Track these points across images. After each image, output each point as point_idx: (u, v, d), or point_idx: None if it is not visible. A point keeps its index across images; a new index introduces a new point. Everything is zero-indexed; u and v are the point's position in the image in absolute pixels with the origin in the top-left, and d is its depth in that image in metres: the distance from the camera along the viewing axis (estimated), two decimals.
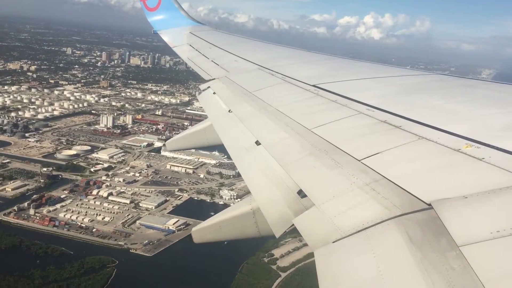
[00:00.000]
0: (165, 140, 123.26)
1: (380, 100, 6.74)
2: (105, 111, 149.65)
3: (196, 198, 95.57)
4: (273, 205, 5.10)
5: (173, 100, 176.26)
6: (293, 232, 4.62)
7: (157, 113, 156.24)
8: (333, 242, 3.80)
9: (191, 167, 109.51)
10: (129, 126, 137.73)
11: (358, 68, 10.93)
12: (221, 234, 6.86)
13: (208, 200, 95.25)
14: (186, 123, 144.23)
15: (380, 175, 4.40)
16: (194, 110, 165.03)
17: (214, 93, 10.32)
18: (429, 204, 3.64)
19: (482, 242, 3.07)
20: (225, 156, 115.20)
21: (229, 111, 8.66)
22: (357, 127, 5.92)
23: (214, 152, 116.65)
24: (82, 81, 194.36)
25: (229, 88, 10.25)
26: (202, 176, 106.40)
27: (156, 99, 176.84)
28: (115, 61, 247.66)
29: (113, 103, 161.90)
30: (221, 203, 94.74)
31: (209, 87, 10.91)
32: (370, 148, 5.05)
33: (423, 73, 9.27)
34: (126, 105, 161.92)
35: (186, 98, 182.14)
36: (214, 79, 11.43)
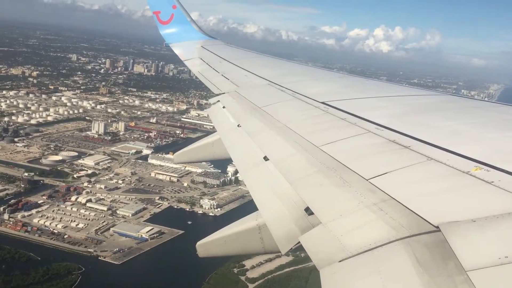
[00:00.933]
0: (154, 147, 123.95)
1: (389, 120, 6.71)
2: (99, 117, 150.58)
3: (175, 207, 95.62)
4: (279, 221, 5.05)
5: (170, 108, 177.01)
6: (299, 249, 4.57)
7: (151, 120, 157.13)
8: (339, 261, 3.75)
9: (176, 176, 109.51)
10: (121, 133, 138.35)
11: (368, 87, 10.86)
12: (226, 249, 6.75)
13: (188, 209, 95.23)
14: (178, 131, 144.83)
15: (388, 195, 4.36)
16: (189, 119, 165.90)
17: (223, 107, 10.32)
18: (437, 227, 3.59)
19: (490, 267, 3.02)
20: (212, 166, 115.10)
21: (238, 125, 8.66)
22: (366, 146, 5.89)
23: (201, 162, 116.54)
24: (82, 87, 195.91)
25: (239, 102, 10.25)
26: (185, 184, 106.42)
27: (154, 107, 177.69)
28: (119, 69, 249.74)
29: (109, 110, 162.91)
30: (200, 212, 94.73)
31: (218, 101, 10.92)
32: (378, 168, 5.01)
33: (433, 93, 9.22)
34: (122, 112, 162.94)
35: (184, 107, 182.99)
36: (223, 93, 11.46)
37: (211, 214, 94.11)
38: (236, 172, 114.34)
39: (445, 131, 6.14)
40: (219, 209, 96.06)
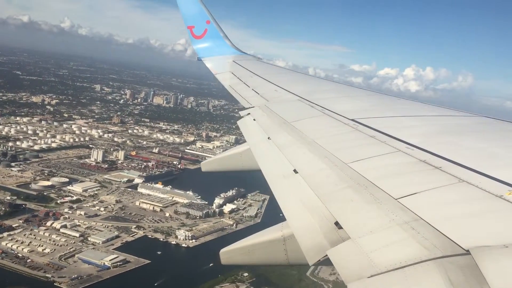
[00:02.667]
0: (146, 177, 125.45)
1: (420, 139, 6.65)
2: (104, 146, 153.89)
3: (150, 236, 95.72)
4: (308, 232, 5.07)
5: (177, 140, 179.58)
6: (326, 263, 4.56)
7: (154, 151, 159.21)
8: (368, 277, 3.71)
9: (160, 206, 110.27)
10: (120, 162, 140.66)
11: (399, 105, 10.82)
12: (249, 258, 6.85)
13: (162, 239, 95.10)
14: (175, 162, 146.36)
15: (417, 215, 4.31)
16: (193, 150, 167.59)
17: (254, 119, 10.50)
18: (467, 250, 3.52)
19: None
20: (199, 197, 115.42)
21: (268, 138, 8.78)
22: (395, 165, 5.85)
23: (188, 192, 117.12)
24: (96, 116, 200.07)
25: (268, 116, 10.38)
26: (167, 215, 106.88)
27: (161, 137, 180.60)
28: (139, 100, 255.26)
29: (116, 139, 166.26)
30: (174, 242, 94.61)
31: (249, 113, 11.09)
32: (407, 187, 4.97)
33: (467, 114, 9.05)
34: (128, 141, 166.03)
35: (192, 138, 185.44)
36: (253, 107, 11.61)
37: (184, 245, 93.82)
38: (220, 205, 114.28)
39: (478, 153, 6.02)
40: (193, 240, 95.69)
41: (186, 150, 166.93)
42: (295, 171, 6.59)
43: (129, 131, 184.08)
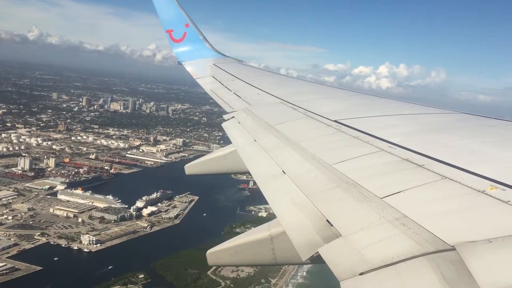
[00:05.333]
0: (69, 183, 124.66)
1: (402, 138, 6.74)
2: (39, 154, 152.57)
3: (52, 243, 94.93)
4: (300, 229, 5.04)
5: (122, 145, 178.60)
6: (319, 260, 4.51)
7: (91, 157, 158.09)
8: (361, 273, 3.74)
9: (76, 211, 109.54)
10: (49, 169, 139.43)
11: (381, 105, 10.94)
12: (236, 258, 6.78)
13: (64, 245, 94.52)
14: (106, 167, 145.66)
15: (402, 214, 4.36)
16: (134, 155, 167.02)
17: (238, 122, 10.57)
18: (453, 246, 3.58)
19: None
20: (119, 201, 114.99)
21: (254, 140, 8.79)
22: (379, 165, 5.89)
23: (108, 197, 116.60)
24: (41, 125, 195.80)
25: (253, 119, 10.42)
26: (80, 220, 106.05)
27: (105, 143, 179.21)
28: (95, 107, 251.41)
29: (54, 147, 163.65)
30: (76, 247, 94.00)
31: (233, 117, 11.15)
32: (391, 186, 5.02)
33: (447, 111, 9.21)
34: (67, 148, 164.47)
35: (137, 143, 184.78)
36: (236, 111, 11.64)
37: (86, 250, 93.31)
38: (140, 208, 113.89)
39: (459, 149, 6.10)
40: (98, 245, 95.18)
41: (127, 155, 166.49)
42: (283, 172, 6.62)
43: (72, 138, 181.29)
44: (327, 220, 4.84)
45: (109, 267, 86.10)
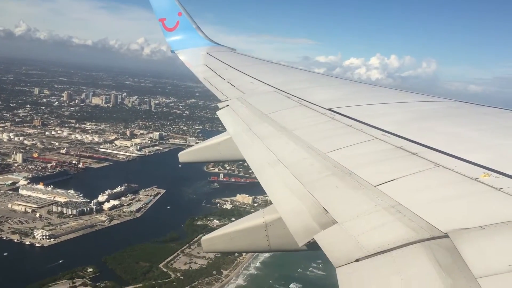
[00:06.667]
0: (32, 178, 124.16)
1: (396, 126, 6.75)
2: (8, 149, 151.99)
3: (5, 238, 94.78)
4: (297, 215, 5.06)
5: (97, 139, 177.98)
6: (315, 246, 4.53)
7: (61, 151, 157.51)
8: (357, 260, 3.76)
9: (35, 206, 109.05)
10: (16, 164, 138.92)
11: (375, 93, 10.91)
12: (231, 245, 6.80)
13: (16, 240, 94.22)
14: (74, 161, 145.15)
15: (396, 201, 4.39)
16: (107, 149, 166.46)
17: (233, 111, 10.56)
18: (446, 234, 3.61)
19: (499, 274, 3.04)
20: (81, 195, 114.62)
21: (248, 129, 8.80)
22: (372, 153, 5.92)
23: (69, 191, 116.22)
24: (17, 120, 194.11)
25: (247, 108, 10.41)
26: (38, 215, 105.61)
27: (79, 137, 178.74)
28: (76, 101, 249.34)
29: (26, 142, 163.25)
30: (28, 242, 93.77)
31: (227, 105, 11.11)
32: (385, 174, 5.05)
33: (441, 99, 9.19)
34: (39, 143, 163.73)
35: (113, 137, 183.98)
36: (230, 99, 11.62)
37: (38, 245, 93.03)
38: (101, 202, 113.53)
39: (453, 137, 6.13)
40: (52, 239, 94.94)
41: (99, 149, 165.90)
42: (278, 160, 6.65)
43: (46, 133, 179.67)
44: (323, 207, 4.86)
45: (60, 262, 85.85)
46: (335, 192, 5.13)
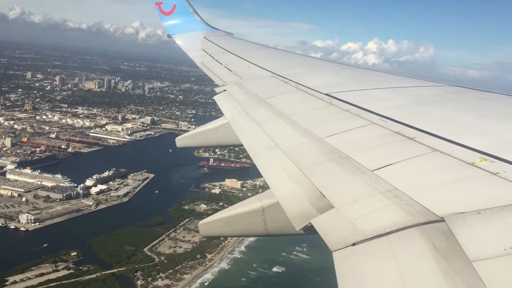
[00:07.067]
0: (20, 162, 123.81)
1: (393, 111, 6.76)
2: None
3: None
4: (294, 200, 5.08)
5: (88, 124, 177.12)
6: (312, 231, 4.56)
7: (51, 136, 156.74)
8: (353, 244, 3.78)
9: (22, 190, 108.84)
10: (5, 149, 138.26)
11: (372, 78, 10.96)
12: (228, 229, 6.86)
13: (1, 224, 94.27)
14: (63, 146, 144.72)
15: (393, 186, 4.40)
16: (97, 133, 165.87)
17: (231, 96, 10.54)
18: (442, 218, 3.62)
19: (495, 258, 3.06)
20: (68, 179, 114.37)
21: (246, 114, 8.80)
22: (370, 138, 5.93)
23: (57, 175, 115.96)
24: (8, 104, 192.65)
25: (244, 93, 10.39)
26: (24, 199, 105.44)
27: (70, 122, 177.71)
28: (69, 85, 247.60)
29: (16, 126, 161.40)
30: (12, 227, 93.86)
31: (225, 90, 11.09)
32: (382, 159, 5.06)
33: (439, 84, 9.22)
34: (29, 128, 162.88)
35: (104, 122, 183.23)
36: (227, 84, 11.57)
37: (22, 229, 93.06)
38: (89, 186, 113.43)
39: (450, 122, 6.15)
40: (37, 223, 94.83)
41: (90, 134, 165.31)
42: (276, 145, 6.66)
43: (37, 117, 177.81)
44: (320, 192, 4.87)
45: (44, 246, 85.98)
46: (332, 176, 5.16)
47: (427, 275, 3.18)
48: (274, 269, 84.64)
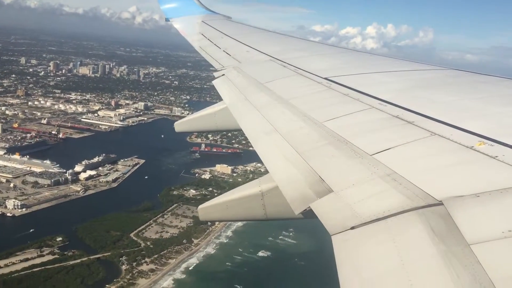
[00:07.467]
0: (9, 148, 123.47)
1: (393, 95, 6.74)
2: None
3: None
4: (293, 184, 5.08)
5: (80, 109, 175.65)
6: (311, 215, 4.55)
7: (42, 122, 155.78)
8: (352, 227, 3.79)
9: (10, 176, 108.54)
10: None
11: (371, 61, 10.88)
12: (227, 214, 6.91)
13: None
14: (54, 132, 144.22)
15: (392, 170, 4.40)
16: (90, 119, 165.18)
17: (229, 80, 10.46)
18: (440, 201, 3.62)
19: (493, 241, 3.07)
20: (57, 165, 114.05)
21: (244, 98, 8.77)
22: (369, 122, 5.92)
23: (45, 161, 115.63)
24: (0, 89, 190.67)
25: (243, 77, 10.33)
26: (12, 185, 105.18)
27: (63, 108, 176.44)
28: (63, 71, 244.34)
29: (7, 112, 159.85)
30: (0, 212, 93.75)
31: (223, 74, 11.00)
32: (381, 143, 5.06)
33: (438, 68, 9.17)
34: (20, 114, 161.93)
35: (97, 107, 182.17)
36: (226, 68, 11.51)
37: (9, 214, 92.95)
38: (78, 172, 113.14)
39: (449, 106, 6.15)
40: (24, 209, 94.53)
41: (82, 120, 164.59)
42: (275, 129, 6.64)
43: (29, 103, 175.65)
44: (319, 176, 4.87)
45: (30, 231, 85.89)
46: (331, 161, 5.16)
47: (425, 258, 3.18)
48: (260, 253, 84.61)
